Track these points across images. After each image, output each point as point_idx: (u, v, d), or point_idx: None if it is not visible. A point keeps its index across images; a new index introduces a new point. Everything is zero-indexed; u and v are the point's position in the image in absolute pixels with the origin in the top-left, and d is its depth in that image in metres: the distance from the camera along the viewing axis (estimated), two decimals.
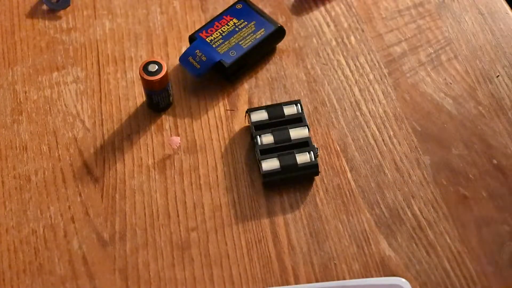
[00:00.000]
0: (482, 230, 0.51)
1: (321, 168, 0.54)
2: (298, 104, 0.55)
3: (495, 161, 0.54)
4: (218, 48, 0.58)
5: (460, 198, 0.52)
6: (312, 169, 0.52)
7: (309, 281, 0.49)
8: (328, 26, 0.63)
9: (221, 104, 0.58)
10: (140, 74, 0.54)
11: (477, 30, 0.62)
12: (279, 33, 0.60)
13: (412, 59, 0.60)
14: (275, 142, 0.53)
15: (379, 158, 0.55)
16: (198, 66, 0.57)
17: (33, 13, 0.64)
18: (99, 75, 0.60)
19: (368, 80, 0.59)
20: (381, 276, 0.49)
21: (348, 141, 0.56)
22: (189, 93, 0.59)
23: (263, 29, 0.59)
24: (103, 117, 0.57)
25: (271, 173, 0.52)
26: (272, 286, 0.49)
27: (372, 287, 0.47)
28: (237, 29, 0.59)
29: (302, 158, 0.52)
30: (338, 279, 0.49)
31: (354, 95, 0.58)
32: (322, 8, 0.64)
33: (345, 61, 0.60)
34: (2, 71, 0.60)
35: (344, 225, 0.51)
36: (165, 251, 0.50)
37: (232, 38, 0.58)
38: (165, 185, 0.53)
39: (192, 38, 0.59)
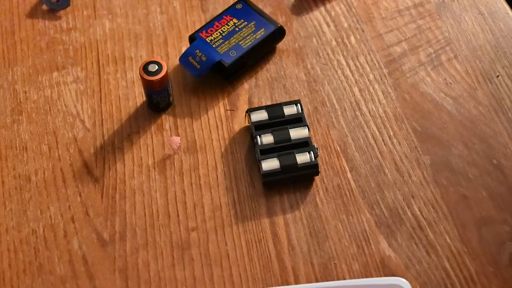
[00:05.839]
0: (482, 230, 0.51)
1: (321, 168, 0.54)
2: (298, 104, 0.55)
3: (495, 161, 0.54)
4: (218, 48, 0.58)
5: (460, 198, 0.52)
6: (312, 169, 0.52)
7: (309, 281, 0.49)
8: (328, 26, 0.63)
9: (221, 104, 0.58)
10: (140, 74, 0.54)
11: (477, 30, 0.62)
12: (279, 33, 0.60)
13: (412, 59, 0.60)
14: (275, 142, 0.53)
15: (379, 158, 0.55)
16: (198, 66, 0.57)
17: (33, 13, 0.64)
18: (99, 75, 0.60)
19: (368, 80, 0.59)
20: (381, 276, 0.49)
21: (348, 141, 0.56)
22: (189, 93, 0.59)
23: (263, 29, 0.59)
24: (103, 117, 0.57)
25: (271, 173, 0.52)
26: (272, 286, 0.49)
27: (372, 287, 0.47)
28: (237, 29, 0.59)
29: (302, 158, 0.52)
30: (338, 279, 0.49)
31: (354, 95, 0.58)
32: (322, 8, 0.64)
33: (345, 61, 0.60)
34: (2, 71, 0.60)
35: (344, 225, 0.51)
36: (165, 251, 0.50)
37: (232, 38, 0.58)
38: (165, 185, 0.53)
39: (192, 38, 0.59)
